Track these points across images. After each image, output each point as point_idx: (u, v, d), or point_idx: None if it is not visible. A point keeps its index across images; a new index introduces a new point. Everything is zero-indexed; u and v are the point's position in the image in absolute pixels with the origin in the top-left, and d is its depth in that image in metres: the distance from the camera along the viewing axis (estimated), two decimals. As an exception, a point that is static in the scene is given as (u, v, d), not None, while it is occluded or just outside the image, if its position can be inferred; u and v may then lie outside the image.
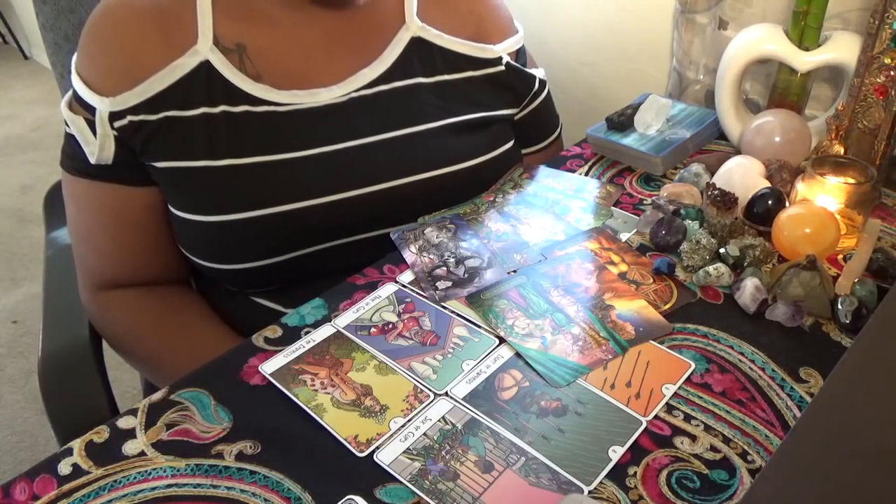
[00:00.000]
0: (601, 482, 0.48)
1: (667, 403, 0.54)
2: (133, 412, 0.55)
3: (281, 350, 0.60)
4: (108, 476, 0.50)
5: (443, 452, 0.51)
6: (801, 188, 0.71)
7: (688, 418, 0.53)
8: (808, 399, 0.54)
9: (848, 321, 0.60)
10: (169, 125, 0.69)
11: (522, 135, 0.90)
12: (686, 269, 0.68)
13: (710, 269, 0.65)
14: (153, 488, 0.49)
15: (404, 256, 0.70)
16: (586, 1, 1.15)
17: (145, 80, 0.68)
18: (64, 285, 0.81)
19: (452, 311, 0.64)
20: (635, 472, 0.49)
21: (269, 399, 0.56)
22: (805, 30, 0.81)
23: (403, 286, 0.67)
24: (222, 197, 0.70)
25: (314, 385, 0.56)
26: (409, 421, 0.53)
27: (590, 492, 0.48)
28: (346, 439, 0.52)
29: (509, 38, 0.84)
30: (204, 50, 0.69)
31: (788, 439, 0.44)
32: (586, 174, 0.86)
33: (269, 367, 0.58)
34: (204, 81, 0.69)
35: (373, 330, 0.62)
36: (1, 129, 2.90)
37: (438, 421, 0.53)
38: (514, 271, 0.68)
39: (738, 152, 0.85)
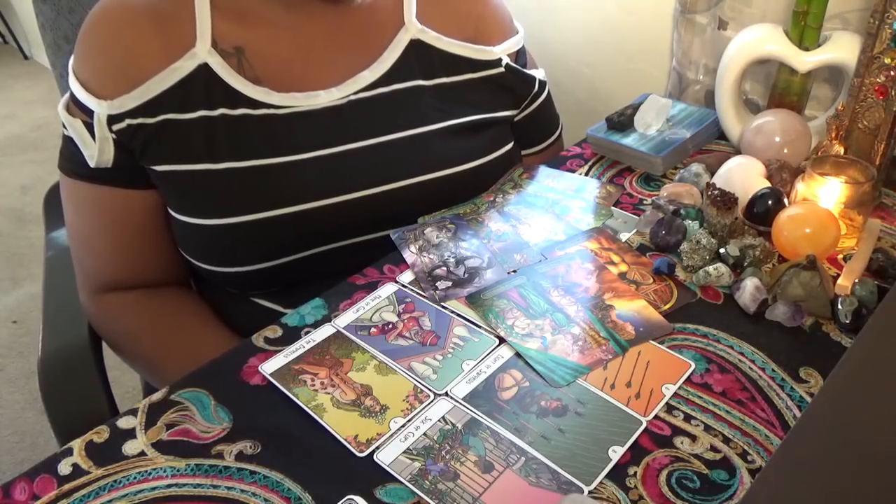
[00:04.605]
0: (601, 482, 0.48)
1: (667, 403, 0.54)
2: (133, 412, 0.55)
3: (281, 350, 0.60)
4: (108, 476, 0.50)
5: (443, 452, 0.51)
6: (801, 188, 0.71)
7: (688, 418, 0.53)
8: (808, 399, 0.54)
9: (848, 321, 0.60)
10: (168, 128, 0.69)
11: (522, 136, 0.90)
12: (686, 269, 0.68)
13: (710, 269, 0.65)
14: (153, 488, 0.49)
15: (404, 256, 0.70)
16: (586, 1, 1.15)
17: (143, 83, 0.68)
18: (64, 285, 0.81)
19: (452, 311, 0.64)
20: (635, 472, 0.49)
21: (269, 399, 0.56)
22: (805, 30, 0.81)
23: (403, 286, 0.67)
24: (222, 200, 0.70)
25: (314, 385, 0.56)
26: (409, 421, 0.53)
27: (590, 492, 0.48)
28: (346, 439, 0.52)
29: (509, 39, 0.84)
30: (202, 53, 0.69)
31: (788, 439, 0.44)
32: (586, 174, 0.86)
33: (269, 367, 0.58)
34: (202, 84, 0.69)
35: (373, 330, 0.62)
36: (1, 129, 2.89)
37: (438, 421, 0.53)
38: (514, 271, 0.68)
39: (738, 152, 0.85)
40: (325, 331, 0.62)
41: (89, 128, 0.69)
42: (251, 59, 0.71)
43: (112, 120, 0.68)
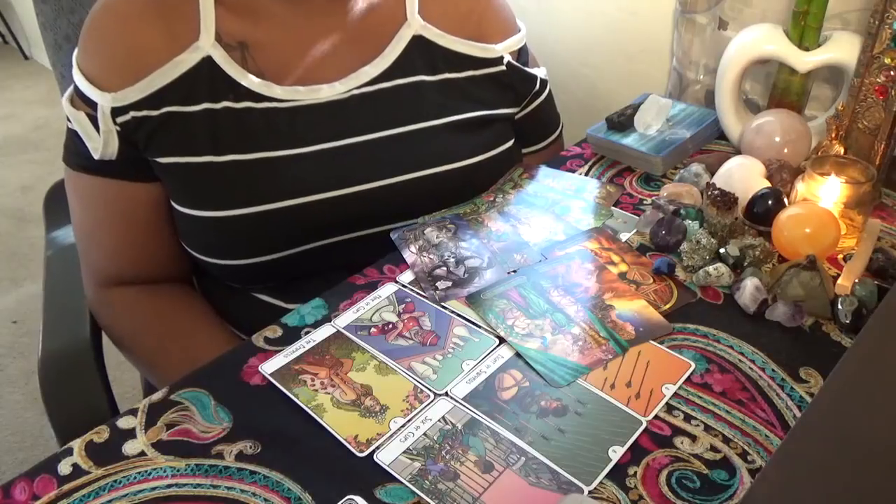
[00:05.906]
0: (601, 482, 0.48)
1: (667, 403, 0.54)
2: (133, 412, 0.55)
3: (281, 350, 0.60)
4: (108, 476, 0.50)
5: (443, 452, 0.51)
6: (801, 188, 0.71)
7: (688, 418, 0.53)
8: (808, 399, 0.54)
9: (848, 321, 0.60)
10: (171, 121, 0.69)
11: (523, 134, 0.90)
12: (686, 269, 0.68)
13: (710, 269, 0.65)
14: (153, 488, 0.49)
15: (404, 256, 0.70)
16: (586, 1, 1.15)
17: (147, 76, 0.68)
18: (64, 285, 0.81)
19: (452, 311, 0.64)
20: (635, 472, 0.49)
21: (269, 399, 0.56)
22: (805, 30, 0.81)
23: (403, 286, 0.67)
24: (225, 193, 0.70)
25: (314, 385, 0.56)
26: (409, 421, 0.53)
27: (590, 492, 0.48)
28: (346, 439, 0.52)
29: (511, 37, 0.84)
30: (206, 45, 0.69)
31: (788, 439, 0.44)
32: (586, 174, 0.86)
33: (269, 367, 0.58)
34: (206, 77, 0.70)
35: (373, 330, 0.62)
36: (1, 129, 2.89)
37: (438, 421, 0.53)
38: (514, 271, 0.68)
39: (738, 152, 0.85)
40: (325, 331, 0.62)
41: (93, 120, 0.69)
42: (254, 53, 0.72)
43: (116, 112, 0.68)
